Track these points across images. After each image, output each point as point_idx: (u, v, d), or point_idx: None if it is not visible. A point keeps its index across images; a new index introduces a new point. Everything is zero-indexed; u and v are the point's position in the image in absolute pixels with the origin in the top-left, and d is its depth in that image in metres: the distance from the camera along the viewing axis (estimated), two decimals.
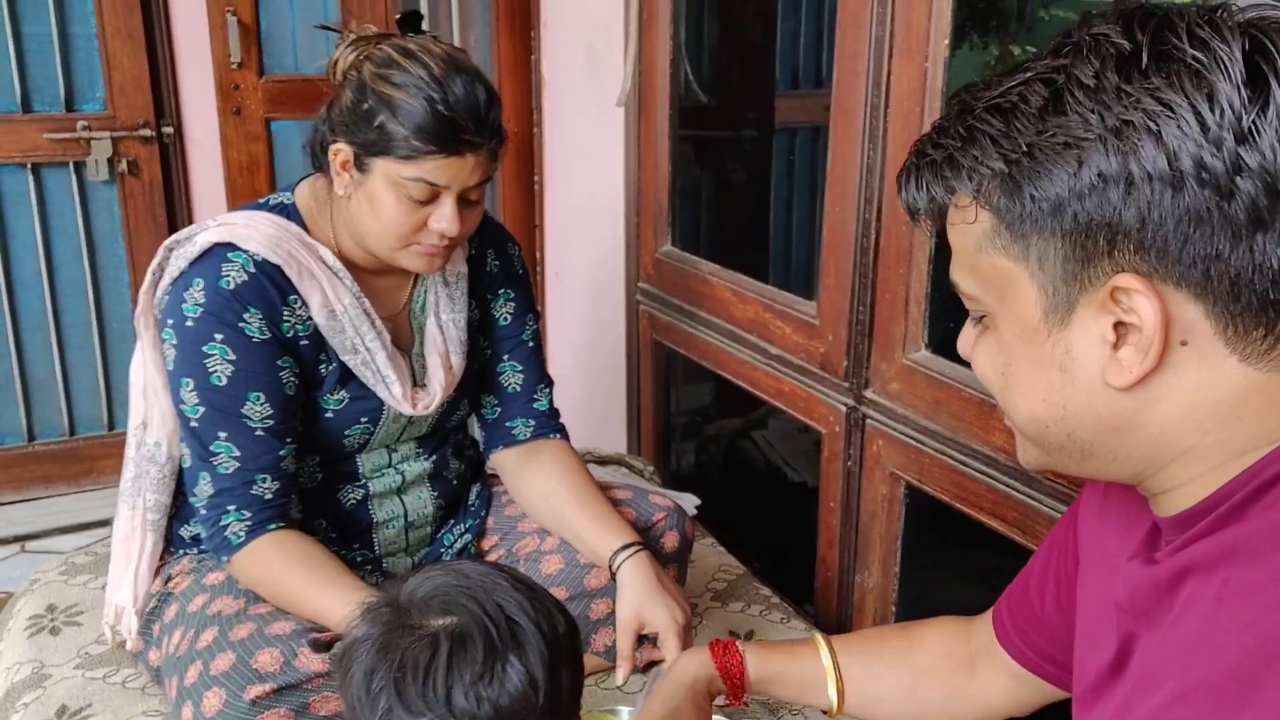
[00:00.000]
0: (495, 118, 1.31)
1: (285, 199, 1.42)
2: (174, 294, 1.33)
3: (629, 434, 2.40)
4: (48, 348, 2.94)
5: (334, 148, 1.33)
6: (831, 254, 1.70)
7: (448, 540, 1.57)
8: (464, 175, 1.30)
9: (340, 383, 1.41)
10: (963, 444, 1.50)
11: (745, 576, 1.84)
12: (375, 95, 1.28)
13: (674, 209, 2.18)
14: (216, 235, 1.33)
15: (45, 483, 3.02)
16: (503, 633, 0.83)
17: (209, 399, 1.32)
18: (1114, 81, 0.64)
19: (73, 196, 2.86)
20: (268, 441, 1.34)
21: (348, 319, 1.38)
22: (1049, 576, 0.97)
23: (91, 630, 1.62)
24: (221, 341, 1.31)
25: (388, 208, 1.30)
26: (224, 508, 1.33)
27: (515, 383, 1.58)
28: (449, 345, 1.49)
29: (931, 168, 0.72)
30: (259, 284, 1.32)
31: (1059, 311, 0.68)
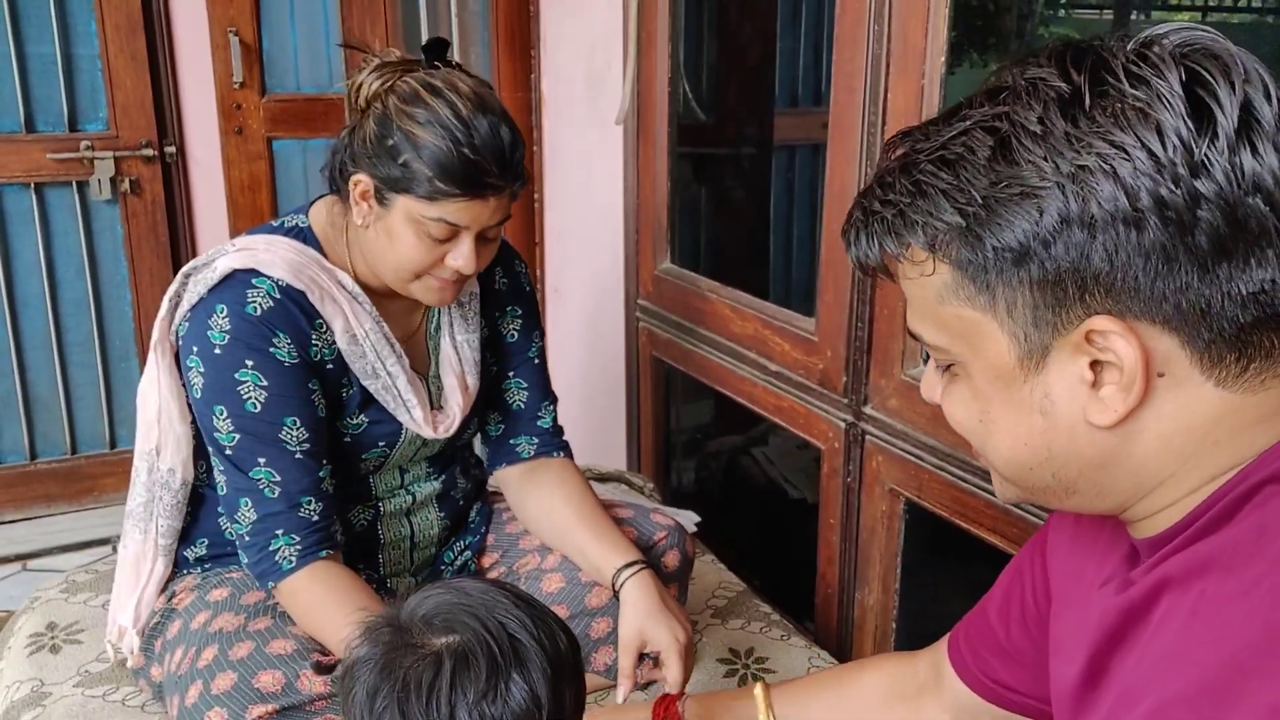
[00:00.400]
0: (519, 160, 1.31)
1: (300, 221, 1.41)
2: (195, 321, 1.32)
3: (629, 451, 2.40)
4: (50, 366, 2.95)
5: (355, 178, 1.32)
6: (830, 270, 1.70)
7: (448, 558, 1.57)
8: (484, 216, 1.30)
9: (360, 407, 1.41)
10: (962, 460, 1.50)
11: (745, 594, 1.83)
12: (400, 132, 1.27)
13: (673, 226, 2.19)
14: (237, 261, 1.32)
15: (47, 501, 3.03)
16: (505, 650, 0.83)
17: (245, 425, 1.31)
18: (1061, 127, 0.64)
19: (75, 216, 2.88)
20: (307, 464, 1.34)
21: (369, 344, 1.38)
22: (1012, 605, 0.97)
23: (92, 648, 1.62)
24: (253, 367, 1.30)
25: (406, 244, 1.30)
26: (271, 533, 1.32)
27: (520, 400, 1.58)
28: (464, 366, 1.50)
29: (882, 224, 0.71)
30: (285, 309, 1.32)
31: (1034, 357, 0.68)
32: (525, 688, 0.82)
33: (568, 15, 2.46)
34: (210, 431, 1.33)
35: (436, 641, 0.84)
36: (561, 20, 2.49)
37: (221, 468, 1.34)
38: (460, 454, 1.60)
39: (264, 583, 1.34)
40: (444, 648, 0.83)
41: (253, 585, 1.41)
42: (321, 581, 1.32)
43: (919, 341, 0.76)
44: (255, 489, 1.32)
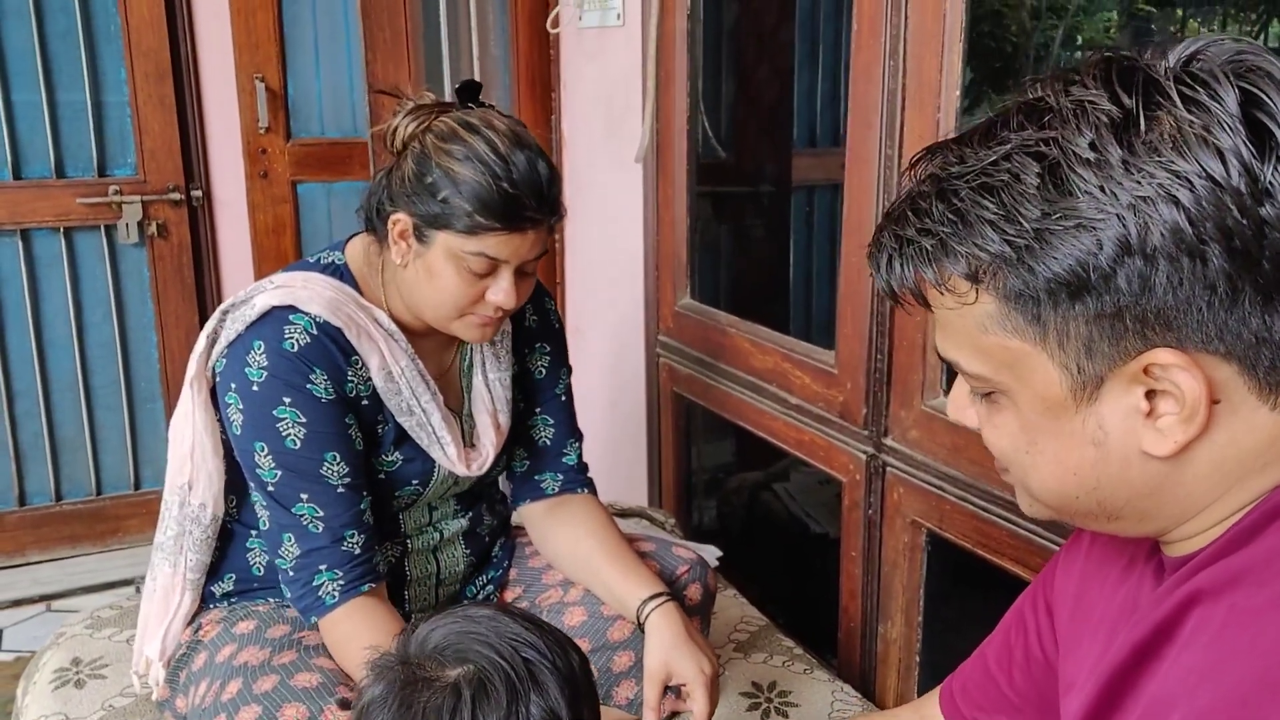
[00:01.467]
0: (556, 194, 1.33)
1: (336, 259, 1.42)
2: (233, 358, 1.33)
3: (650, 486, 2.40)
4: (77, 408, 2.98)
5: (394, 217, 1.33)
6: (849, 303, 1.71)
7: (471, 593, 1.58)
8: (524, 250, 1.31)
9: (395, 444, 1.42)
10: (984, 490, 1.50)
11: (768, 628, 1.82)
12: (439, 169, 1.28)
13: (693, 262, 2.21)
14: (276, 298, 1.33)
15: (72, 542, 3.05)
16: (521, 675, 0.84)
17: (286, 462, 1.32)
18: (1117, 154, 0.61)
19: (103, 259, 2.92)
20: (349, 497, 1.34)
21: (404, 381, 1.39)
22: (1015, 653, 0.96)
23: (116, 683, 1.63)
24: (291, 405, 1.31)
25: (447, 280, 1.31)
26: (315, 568, 1.33)
27: (546, 437, 1.58)
28: (497, 404, 1.51)
29: (920, 253, 0.68)
30: (322, 346, 1.33)
31: (1086, 388, 0.66)
32: (545, 709, 0.83)
33: (587, 58, 2.50)
34: (252, 468, 1.34)
35: (451, 673, 0.84)
36: (581, 62, 2.53)
37: (264, 503, 1.35)
38: (487, 491, 1.61)
39: (307, 617, 1.35)
40: (460, 678, 0.83)
41: (278, 619, 1.42)
42: (361, 617, 1.32)
43: (954, 367, 0.74)
44: (299, 524, 1.33)
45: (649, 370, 2.35)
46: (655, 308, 2.30)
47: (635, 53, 2.26)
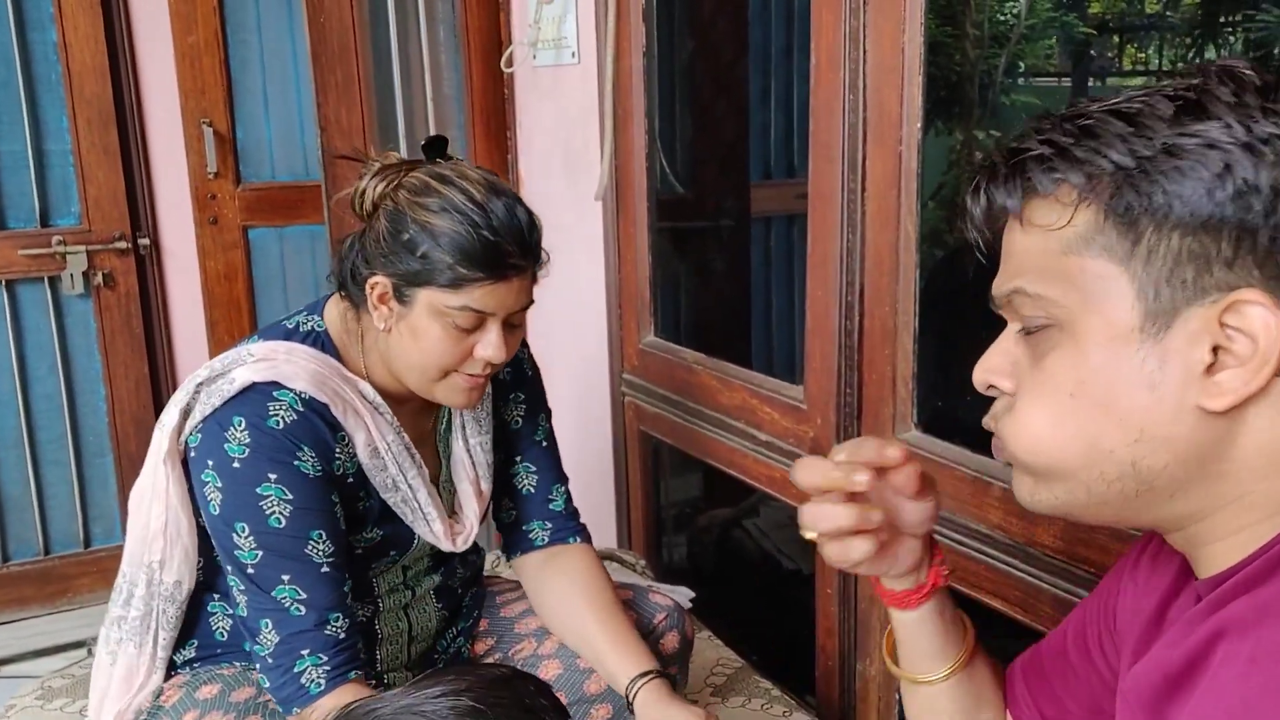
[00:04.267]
0: (537, 240, 1.30)
1: (316, 325, 1.37)
2: (209, 434, 1.27)
3: (619, 527, 2.37)
4: (22, 465, 2.89)
5: (371, 281, 1.28)
6: (816, 338, 1.70)
7: (441, 646, 1.53)
8: (509, 300, 1.27)
9: (378, 521, 1.37)
10: (959, 523, 1.49)
11: (744, 669, 1.80)
12: (415, 224, 1.24)
13: (656, 299, 2.19)
14: (257, 373, 1.28)
15: (20, 604, 2.94)
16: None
17: (268, 542, 1.26)
18: (1256, 101, 0.64)
19: (48, 311, 2.84)
20: (333, 577, 1.28)
21: (390, 457, 1.34)
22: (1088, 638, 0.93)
23: None
24: (276, 481, 1.25)
25: (433, 339, 1.26)
26: (297, 654, 1.26)
27: (530, 485, 1.53)
28: (479, 470, 1.46)
29: (1039, 161, 0.68)
30: (309, 422, 1.27)
31: (1158, 320, 0.65)
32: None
33: (543, 96, 2.48)
34: (230, 550, 1.27)
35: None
36: (537, 101, 2.52)
37: (242, 587, 1.28)
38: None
39: (288, 708, 1.28)
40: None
41: (244, 682, 1.36)
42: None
43: (1010, 299, 0.72)
44: (279, 608, 1.26)
45: (615, 409, 2.32)
46: (619, 346, 2.28)
47: (591, 91, 2.25)
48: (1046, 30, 2.57)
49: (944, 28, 2.37)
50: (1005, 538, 1.42)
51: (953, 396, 1.57)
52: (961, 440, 1.50)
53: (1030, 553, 1.39)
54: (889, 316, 1.56)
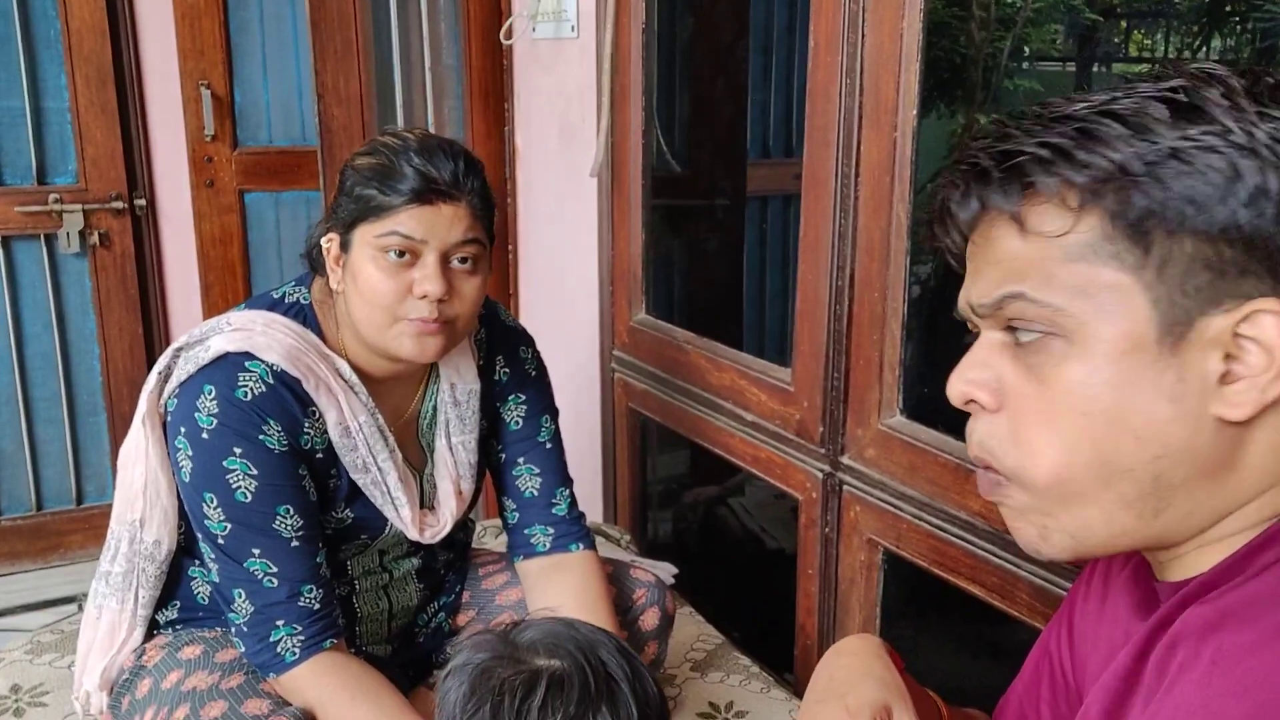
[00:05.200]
0: (473, 177, 1.29)
1: (302, 298, 1.38)
2: (183, 400, 1.29)
3: (605, 502, 2.39)
4: (16, 422, 2.90)
5: (324, 241, 1.32)
6: (805, 322, 1.71)
7: (422, 620, 1.55)
8: (441, 229, 1.26)
9: (347, 500, 1.37)
10: (939, 509, 1.50)
11: (724, 646, 1.82)
12: (353, 171, 1.30)
13: (648, 278, 2.19)
14: (231, 342, 1.28)
15: (11, 559, 2.97)
16: (599, 686, 0.86)
17: (236, 515, 1.27)
18: (1251, 106, 0.63)
19: (43, 269, 2.85)
20: (304, 550, 1.30)
21: (361, 437, 1.34)
22: (1042, 685, 0.94)
23: (56, 710, 1.58)
24: (242, 456, 1.26)
25: (368, 275, 1.26)
26: (271, 623, 1.28)
27: (532, 487, 1.52)
28: (460, 469, 1.46)
29: (1039, 163, 0.66)
30: (278, 396, 1.28)
31: (1174, 330, 0.63)
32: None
33: (541, 69, 2.48)
34: (200, 519, 1.29)
35: (537, 661, 0.87)
36: (535, 74, 2.51)
37: (213, 556, 1.30)
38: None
39: (265, 673, 1.30)
40: (544, 669, 0.86)
41: (226, 643, 1.38)
42: (330, 673, 1.28)
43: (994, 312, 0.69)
44: (251, 579, 1.28)
45: (604, 386, 2.33)
46: (610, 323, 2.28)
47: (590, 65, 2.25)
48: (1052, 14, 2.56)
49: (950, 8, 2.36)
50: (985, 525, 1.44)
51: (937, 384, 1.58)
52: (945, 427, 1.52)
53: (1008, 540, 1.40)
54: (878, 302, 1.57)
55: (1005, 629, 1.46)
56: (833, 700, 0.86)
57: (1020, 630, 1.42)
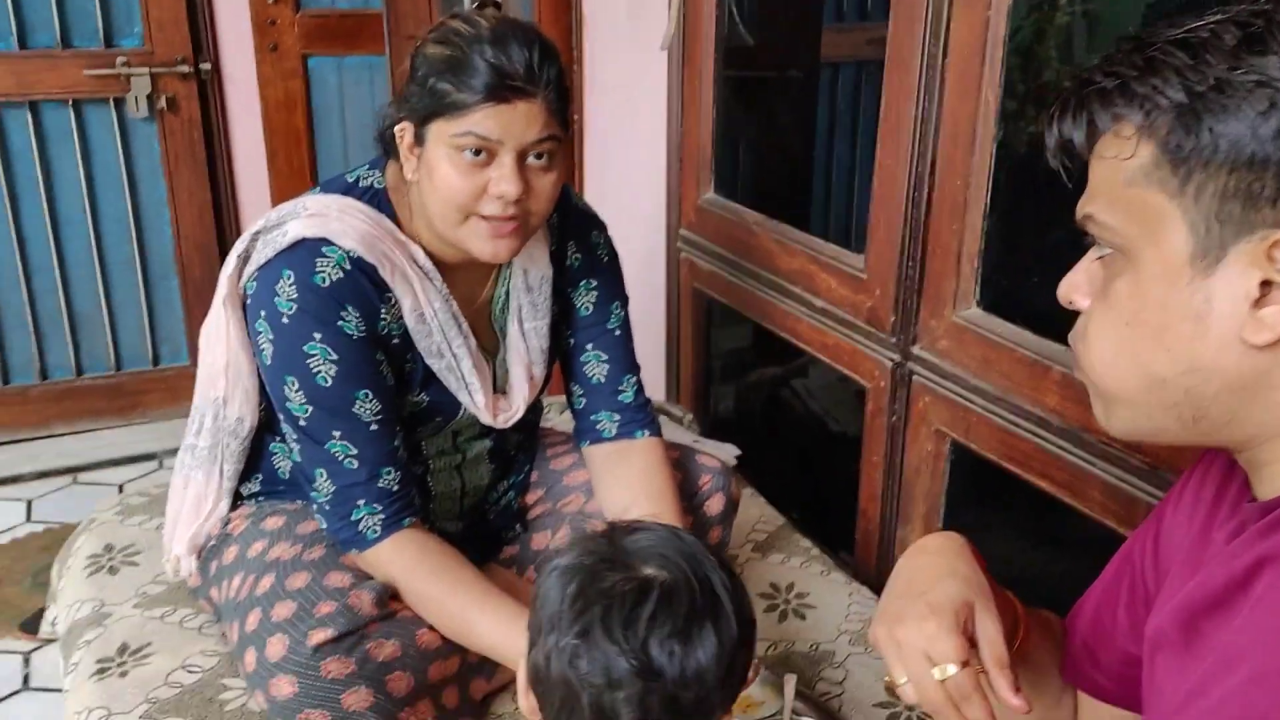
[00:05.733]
0: (548, 67, 1.25)
1: (376, 182, 1.37)
2: (262, 284, 1.30)
3: (668, 380, 2.41)
4: (93, 283, 2.97)
5: (398, 129, 1.29)
6: (881, 208, 1.67)
7: (492, 498, 1.58)
8: (518, 128, 1.23)
9: (422, 384, 1.39)
10: (1013, 404, 1.49)
11: (785, 528, 1.85)
12: (425, 59, 1.25)
13: (717, 156, 2.15)
14: (308, 228, 1.28)
15: (94, 415, 3.08)
16: (706, 601, 0.85)
17: (317, 399, 1.29)
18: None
19: (114, 133, 2.87)
20: (383, 434, 1.32)
21: (436, 323, 1.35)
22: (1120, 592, 0.94)
23: (148, 570, 1.66)
24: (321, 341, 1.27)
25: (444, 173, 1.25)
26: (353, 503, 1.31)
27: (600, 374, 1.52)
28: (532, 355, 1.46)
29: (1100, 96, 0.71)
30: (355, 282, 1.28)
31: (1208, 255, 0.67)
32: (715, 642, 0.84)
33: None
34: (281, 400, 1.32)
35: (646, 570, 0.86)
36: None
37: (295, 436, 1.33)
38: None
39: (347, 549, 1.34)
40: (654, 578, 0.85)
41: (306, 516, 1.43)
42: (409, 551, 1.32)
43: (1085, 224, 0.75)
44: (332, 460, 1.31)
45: (669, 265, 2.32)
46: (678, 201, 2.25)
47: None
48: None
49: None
50: (1060, 421, 1.42)
51: (1018, 277, 1.56)
52: (1023, 321, 1.49)
53: (1084, 438, 1.39)
54: (960, 191, 1.53)
55: (1070, 524, 1.46)
56: (914, 597, 0.87)
57: (1086, 525, 1.42)
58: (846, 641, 1.55)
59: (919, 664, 0.84)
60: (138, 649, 1.49)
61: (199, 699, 1.39)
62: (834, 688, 1.46)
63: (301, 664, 1.23)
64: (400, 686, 1.27)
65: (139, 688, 1.41)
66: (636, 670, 0.82)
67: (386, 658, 1.26)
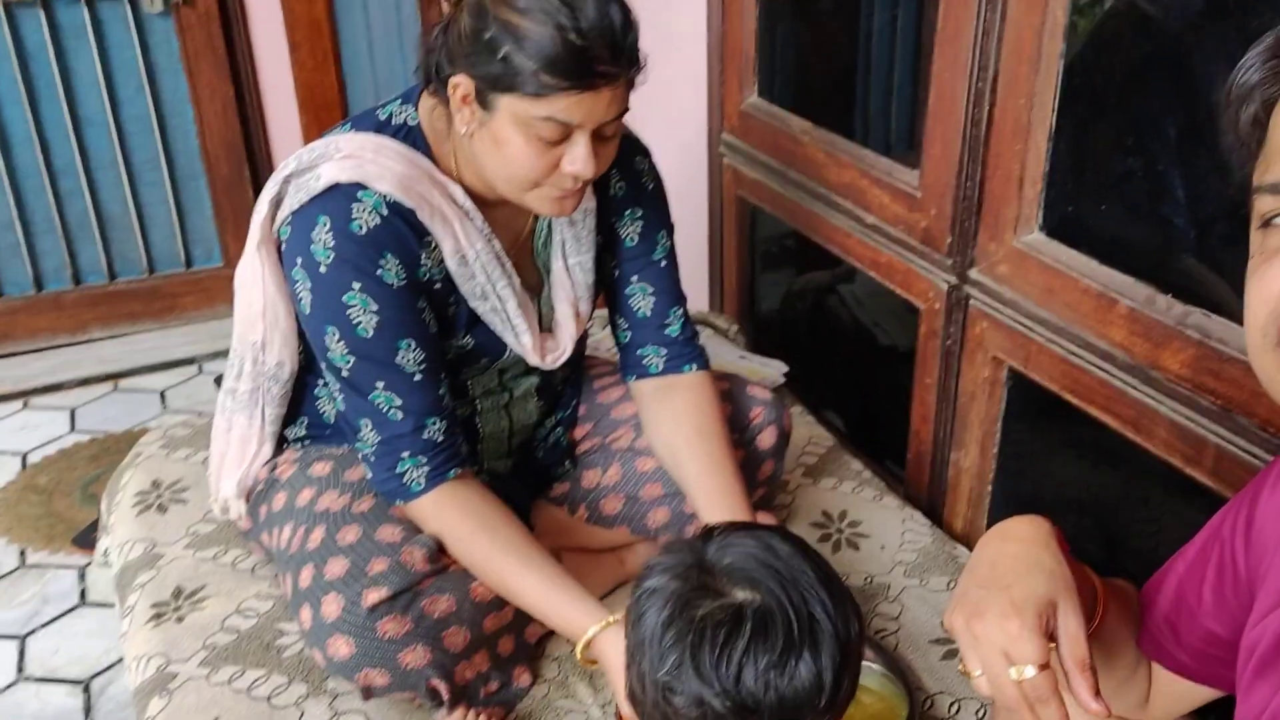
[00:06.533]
0: (633, 43, 1.17)
1: (410, 118, 1.30)
2: (297, 230, 1.25)
3: (710, 291, 2.35)
4: (119, 186, 2.93)
5: (453, 81, 1.19)
6: (938, 123, 1.58)
7: (540, 435, 1.56)
8: (599, 111, 1.16)
9: (467, 327, 1.35)
10: (1076, 335, 1.43)
11: (835, 449, 1.82)
12: (497, 22, 1.13)
13: (761, 57, 2.04)
14: (342, 172, 1.23)
15: (130, 319, 3.07)
16: (803, 626, 0.82)
17: (359, 349, 1.26)
18: None
19: (129, 29, 2.78)
20: (427, 384, 1.29)
21: (479, 265, 1.30)
22: (1207, 569, 0.91)
23: (197, 508, 1.67)
24: (361, 291, 1.23)
25: (516, 149, 1.18)
26: (397, 455, 1.29)
27: (646, 307, 1.47)
28: (578, 291, 1.41)
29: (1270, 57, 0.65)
30: (393, 228, 1.23)
31: None
32: (813, 669, 0.82)
33: None
34: (323, 350, 1.28)
35: (738, 595, 0.83)
36: None
37: (338, 386, 1.30)
38: None
39: (392, 500, 1.32)
40: (746, 605, 0.82)
41: (354, 461, 1.41)
42: (452, 506, 1.30)
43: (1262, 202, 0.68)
44: (376, 411, 1.28)
45: (711, 172, 2.23)
46: (719, 105, 2.15)
47: None
48: None
49: None
50: (1127, 357, 1.37)
51: (1085, 203, 1.47)
52: (1089, 249, 1.42)
53: (1151, 375, 1.34)
54: (1023, 110, 1.44)
55: (1131, 454, 1.42)
56: (997, 590, 0.83)
57: (1147, 457, 1.38)
58: (901, 574, 1.54)
59: (997, 662, 0.81)
60: (193, 592, 1.50)
61: (256, 645, 1.41)
62: (889, 624, 1.46)
63: (358, 625, 1.23)
64: (457, 641, 1.27)
65: (196, 634, 1.42)
66: (732, 709, 0.80)
67: (442, 614, 1.26)
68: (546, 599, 1.25)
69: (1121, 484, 1.60)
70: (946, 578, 1.53)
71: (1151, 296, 1.33)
